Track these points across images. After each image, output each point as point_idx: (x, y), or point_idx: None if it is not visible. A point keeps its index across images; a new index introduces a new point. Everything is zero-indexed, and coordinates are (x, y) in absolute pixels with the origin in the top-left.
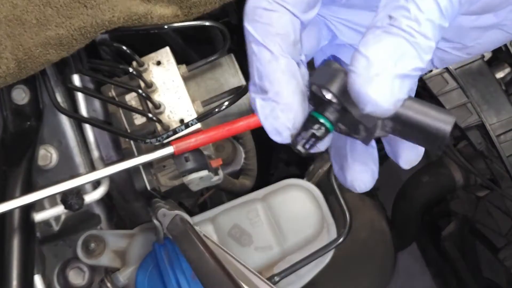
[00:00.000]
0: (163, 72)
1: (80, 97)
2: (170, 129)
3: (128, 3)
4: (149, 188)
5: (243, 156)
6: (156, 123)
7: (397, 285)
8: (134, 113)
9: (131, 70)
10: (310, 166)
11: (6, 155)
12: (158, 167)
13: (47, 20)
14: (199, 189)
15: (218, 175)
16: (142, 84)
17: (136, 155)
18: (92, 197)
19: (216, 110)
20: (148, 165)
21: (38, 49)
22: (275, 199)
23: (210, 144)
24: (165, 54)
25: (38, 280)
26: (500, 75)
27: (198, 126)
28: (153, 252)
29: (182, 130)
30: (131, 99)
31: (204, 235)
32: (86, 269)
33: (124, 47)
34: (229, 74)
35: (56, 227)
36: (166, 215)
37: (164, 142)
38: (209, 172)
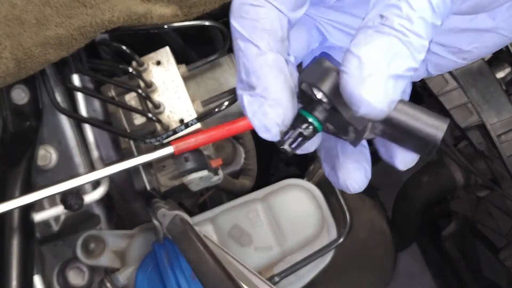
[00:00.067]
0: (163, 72)
1: (80, 97)
2: (170, 129)
3: (128, 3)
4: (148, 188)
5: (243, 156)
6: (156, 123)
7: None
8: (134, 113)
9: (131, 70)
10: (310, 166)
11: (6, 155)
12: (158, 167)
13: (47, 20)
14: (199, 189)
15: (218, 175)
16: (142, 84)
17: (136, 155)
18: (91, 197)
19: (216, 110)
20: (148, 165)
21: (37, 49)
22: (275, 199)
23: (210, 144)
24: (165, 54)
25: (38, 280)
26: (500, 75)
27: (198, 126)
28: (152, 252)
29: (182, 130)
30: (131, 99)
31: (204, 235)
32: (85, 269)
33: (123, 47)
34: (229, 74)
35: (55, 227)
36: (166, 215)
37: (164, 142)
38: (209, 172)
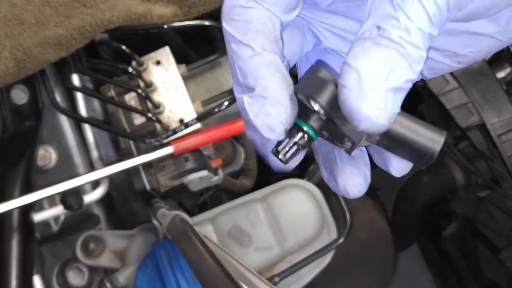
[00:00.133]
0: (162, 71)
1: (80, 97)
2: (170, 129)
3: (128, 3)
4: (148, 188)
5: (243, 156)
6: (156, 123)
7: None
8: (134, 113)
9: (131, 69)
10: (310, 166)
11: (5, 155)
12: (158, 167)
13: (46, 20)
14: (199, 189)
15: (218, 175)
16: (142, 84)
17: (136, 155)
18: (91, 197)
19: (216, 110)
20: (147, 165)
21: (37, 48)
22: (275, 199)
23: (210, 144)
24: (164, 54)
25: (37, 280)
26: (501, 75)
27: (198, 126)
28: (152, 252)
29: (182, 130)
30: (131, 99)
31: (203, 235)
32: (85, 269)
33: (123, 47)
34: (229, 73)
35: (55, 227)
36: (166, 216)
37: (164, 142)
38: (209, 172)
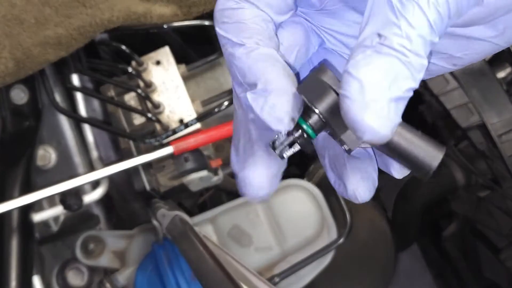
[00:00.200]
0: (162, 71)
1: (79, 97)
2: (170, 129)
3: (128, 3)
4: (148, 189)
5: None
6: (156, 123)
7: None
8: (133, 113)
9: (130, 69)
10: (310, 166)
11: (5, 155)
12: (158, 167)
13: (46, 20)
14: (198, 189)
15: (218, 175)
16: (142, 84)
17: (135, 155)
18: (91, 197)
19: (216, 110)
20: (147, 165)
21: (37, 48)
22: (275, 200)
23: (210, 144)
24: (164, 54)
25: (37, 280)
26: (501, 75)
27: (198, 126)
28: (152, 252)
29: (182, 130)
30: (130, 99)
31: (203, 235)
32: (85, 269)
33: (123, 47)
34: (228, 73)
35: (55, 228)
36: (166, 216)
37: (164, 142)
38: (208, 172)
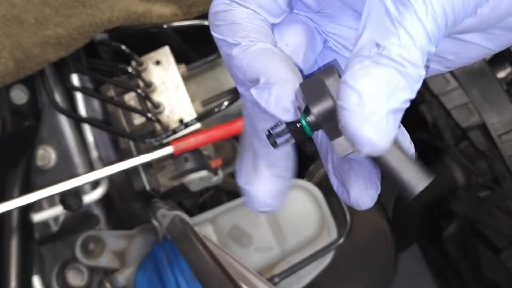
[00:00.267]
0: (162, 71)
1: (79, 97)
2: (170, 129)
3: (127, 2)
4: (148, 189)
5: None
6: (155, 123)
7: (397, 285)
8: (133, 113)
9: (130, 69)
10: (310, 166)
11: (5, 155)
12: (158, 167)
13: (46, 20)
14: (198, 189)
15: (218, 175)
16: (141, 84)
17: (135, 155)
18: (91, 197)
19: (216, 110)
20: (147, 165)
21: (36, 48)
22: None
23: (210, 144)
24: (164, 54)
25: (37, 280)
26: (501, 75)
27: (198, 126)
28: (152, 252)
29: (182, 130)
30: (130, 98)
31: (203, 235)
32: (85, 269)
33: (123, 47)
34: (228, 73)
35: (55, 228)
36: (166, 216)
37: (164, 142)
38: (208, 172)
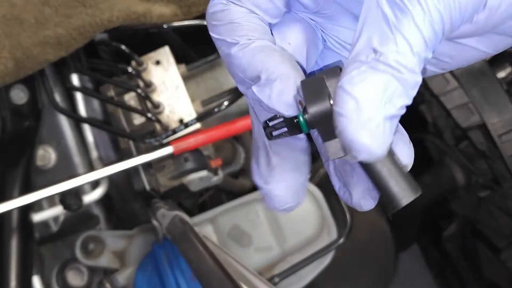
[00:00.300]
0: (162, 71)
1: (79, 97)
2: (170, 129)
3: (127, 2)
4: (148, 189)
5: (243, 156)
6: (155, 123)
7: (397, 285)
8: (133, 113)
9: (130, 69)
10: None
11: (5, 155)
12: (158, 167)
13: (46, 20)
14: (198, 189)
15: (218, 175)
16: (141, 84)
17: (135, 155)
18: (91, 197)
19: (216, 110)
20: (147, 165)
21: (36, 48)
22: None
23: (210, 144)
24: (164, 54)
25: (37, 281)
26: (501, 75)
27: (198, 126)
28: (152, 252)
29: (182, 130)
30: (130, 98)
31: (203, 235)
32: (85, 270)
33: (123, 46)
34: (228, 73)
35: (54, 228)
36: (166, 216)
37: (163, 142)
38: (208, 172)
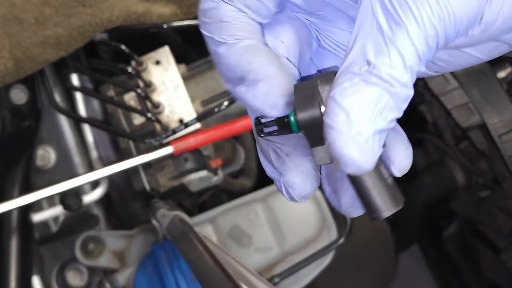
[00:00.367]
0: (162, 71)
1: (79, 96)
2: (169, 129)
3: (127, 2)
4: (148, 189)
5: (243, 156)
6: (155, 123)
7: (398, 286)
8: (133, 112)
9: (130, 69)
10: None
11: (5, 155)
12: (157, 167)
13: (46, 19)
14: (198, 189)
15: (218, 175)
16: (141, 84)
17: (135, 155)
18: (90, 197)
19: (216, 110)
20: (147, 165)
21: (36, 48)
22: (275, 200)
23: (210, 144)
24: (164, 54)
25: (37, 281)
26: (501, 75)
27: (198, 126)
28: (152, 253)
29: (181, 130)
30: (130, 98)
31: (203, 236)
32: (84, 270)
33: (123, 46)
34: None
35: (54, 228)
36: (165, 216)
37: (163, 142)
38: (208, 172)
